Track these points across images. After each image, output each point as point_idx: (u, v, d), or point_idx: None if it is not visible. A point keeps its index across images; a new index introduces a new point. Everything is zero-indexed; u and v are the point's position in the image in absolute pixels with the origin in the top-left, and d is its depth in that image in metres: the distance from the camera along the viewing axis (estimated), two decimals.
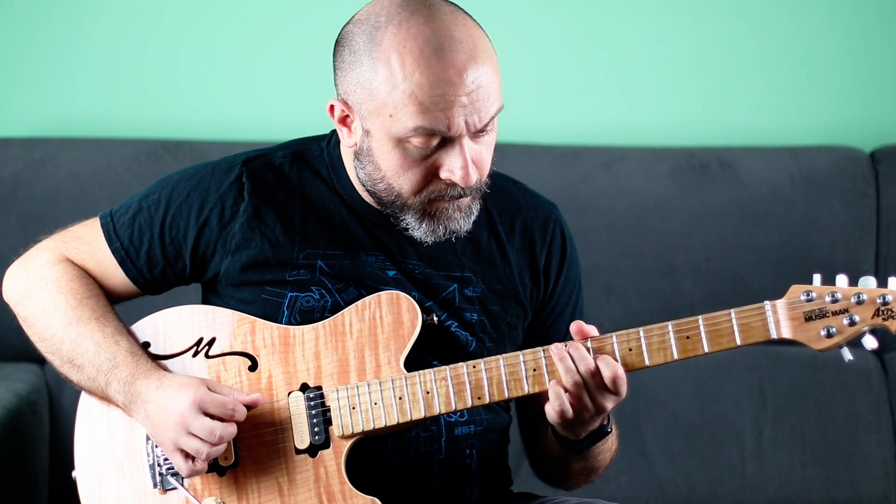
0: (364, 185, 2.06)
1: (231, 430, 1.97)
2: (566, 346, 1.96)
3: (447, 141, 1.95)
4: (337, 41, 2.01)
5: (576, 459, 2.08)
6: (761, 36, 3.31)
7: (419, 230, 2.03)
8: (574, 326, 1.98)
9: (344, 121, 2.03)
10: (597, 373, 1.94)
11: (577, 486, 2.16)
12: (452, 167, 1.96)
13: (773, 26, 3.31)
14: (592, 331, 1.98)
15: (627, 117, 3.30)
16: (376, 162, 2.00)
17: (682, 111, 3.31)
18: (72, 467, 2.10)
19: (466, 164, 1.95)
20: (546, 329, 2.16)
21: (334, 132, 2.14)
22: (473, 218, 2.04)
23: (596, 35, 3.30)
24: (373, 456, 2.04)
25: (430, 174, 1.98)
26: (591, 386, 1.94)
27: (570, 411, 1.95)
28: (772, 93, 3.31)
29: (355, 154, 2.04)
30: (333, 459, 2.00)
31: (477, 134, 1.97)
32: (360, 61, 1.96)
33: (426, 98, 1.91)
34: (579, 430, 2.01)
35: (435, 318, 2.05)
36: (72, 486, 2.11)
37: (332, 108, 2.03)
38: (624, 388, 1.95)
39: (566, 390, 1.95)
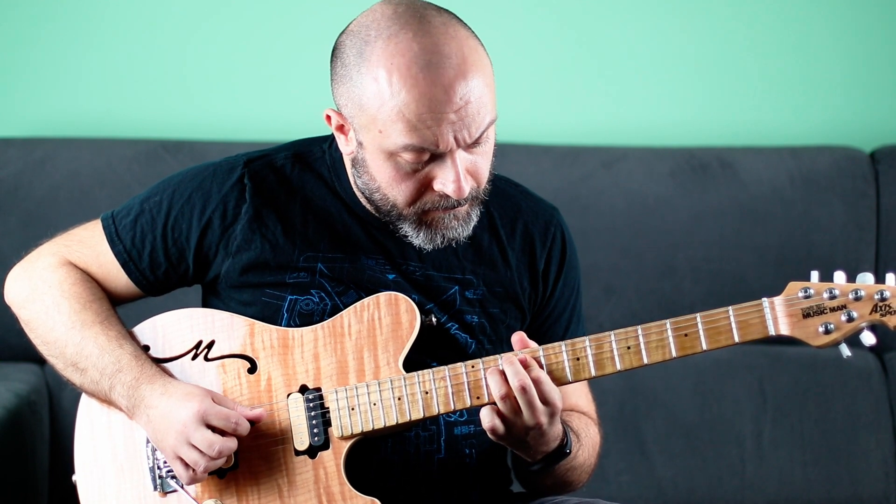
0: (362, 193, 2.06)
1: (231, 444, 1.97)
2: (500, 361, 1.95)
3: (439, 154, 1.95)
4: (332, 51, 2.01)
5: (541, 476, 2.07)
6: (761, 36, 3.31)
7: (417, 238, 2.03)
8: (515, 337, 1.97)
9: (341, 129, 2.03)
10: (527, 387, 1.91)
11: (557, 495, 2.15)
12: (445, 180, 1.96)
13: (772, 26, 3.31)
14: (532, 344, 1.97)
15: (627, 117, 3.30)
16: (371, 173, 2.00)
17: (682, 111, 3.31)
18: (72, 468, 2.10)
19: (458, 178, 1.95)
20: (543, 332, 2.16)
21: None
22: (473, 223, 2.04)
23: (596, 35, 3.29)
24: (372, 456, 2.04)
25: (424, 186, 1.98)
26: (521, 401, 1.92)
27: (500, 428, 1.93)
28: (772, 93, 3.31)
29: (352, 162, 2.04)
30: (333, 460, 2.00)
31: (470, 146, 1.96)
32: (349, 76, 1.95)
33: (413, 116, 1.91)
34: (532, 452, 2.00)
35: (434, 320, 2.05)
36: (72, 487, 2.11)
37: (328, 117, 2.03)
38: (554, 397, 1.92)
39: (496, 410, 1.93)
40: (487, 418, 1.94)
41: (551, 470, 2.04)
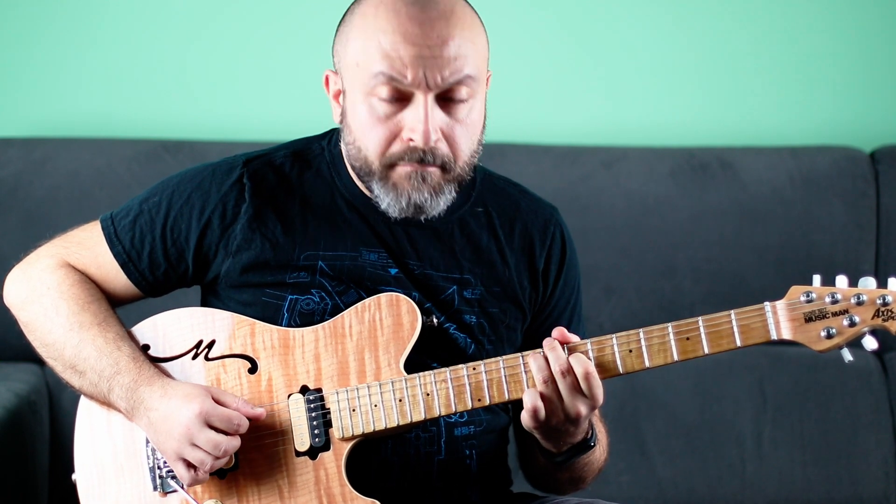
0: (348, 161, 2.07)
1: (235, 443, 1.97)
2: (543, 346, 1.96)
3: (410, 98, 1.98)
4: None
5: (561, 470, 2.07)
6: (761, 36, 3.31)
7: (384, 201, 2.03)
8: (556, 332, 1.98)
9: (336, 96, 2.07)
10: (569, 371, 1.93)
11: (566, 493, 2.16)
12: (414, 125, 1.98)
13: (773, 26, 3.31)
14: (573, 338, 1.97)
15: (627, 117, 3.30)
16: (349, 123, 2.04)
17: (682, 111, 3.31)
18: (72, 468, 2.10)
19: (426, 121, 1.97)
20: (543, 332, 2.14)
21: (333, 131, 2.15)
22: (445, 200, 2.04)
23: (596, 35, 3.29)
24: (373, 457, 2.04)
25: (393, 135, 2.00)
26: (562, 386, 1.93)
27: (542, 412, 1.94)
28: (772, 93, 3.31)
29: (340, 125, 2.08)
30: (333, 462, 2.00)
31: (445, 101, 1.99)
32: (345, 22, 2.04)
33: (388, 45, 1.96)
34: (560, 443, 2.01)
35: (435, 321, 2.05)
36: (72, 486, 2.11)
37: (327, 80, 2.08)
38: (598, 391, 1.93)
39: (540, 393, 1.94)
40: (530, 399, 1.93)
41: (572, 463, 2.04)
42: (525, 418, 1.95)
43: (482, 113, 2.06)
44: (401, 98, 1.99)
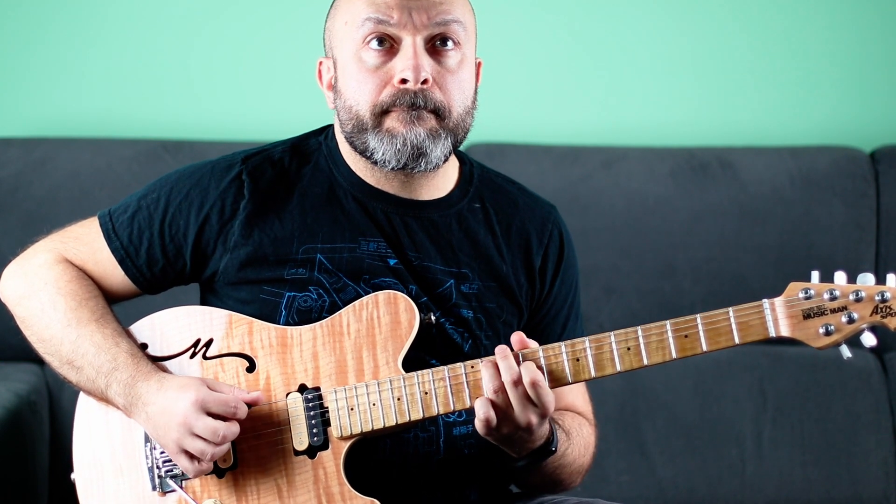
0: (344, 135, 2.08)
1: (234, 429, 1.97)
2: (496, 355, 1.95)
3: (398, 44, 2.01)
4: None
5: (528, 474, 2.07)
6: (761, 36, 3.31)
7: (381, 150, 2.04)
8: (515, 337, 1.97)
9: (329, 85, 2.10)
10: (519, 380, 1.92)
11: (545, 495, 2.15)
12: (404, 66, 2.00)
13: (772, 26, 3.31)
14: (532, 344, 1.97)
15: (627, 117, 3.30)
16: (340, 90, 2.06)
17: (682, 111, 3.31)
18: (71, 468, 2.10)
19: (417, 62, 2.00)
20: (541, 331, 2.16)
21: (330, 126, 2.17)
22: (443, 147, 2.04)
23: (596, 35, 3.30)
24: (371, 456, 2.04)
25: (384, 83, 2.02)
26: (513, 396, 1.92)
27: (494, 420, 1.93)
28: (772, 93, 3.32)
29: (336, 111, 2.09)
30: (332, 461, 2.00)
31: (434, 46, 2.02)
32: (334, 5, 2.09)
33: None
34: (518, 449, 2.00)
35: (433, 318, 2.05)
36: (71, 487, 2.11)
37: (320, 74, 2.11)
38: (547, 399, 1.92)
39: (491, 402, 1.93)
40: (482, 408, 1.93)
41: (537, 467, 2.04)
42: (478, 426, 1.95)
43: (472, 73, 2.08)
44: (390, 48, 2.02)
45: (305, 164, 2.13)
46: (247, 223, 2.08)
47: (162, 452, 2.04)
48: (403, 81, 2.00)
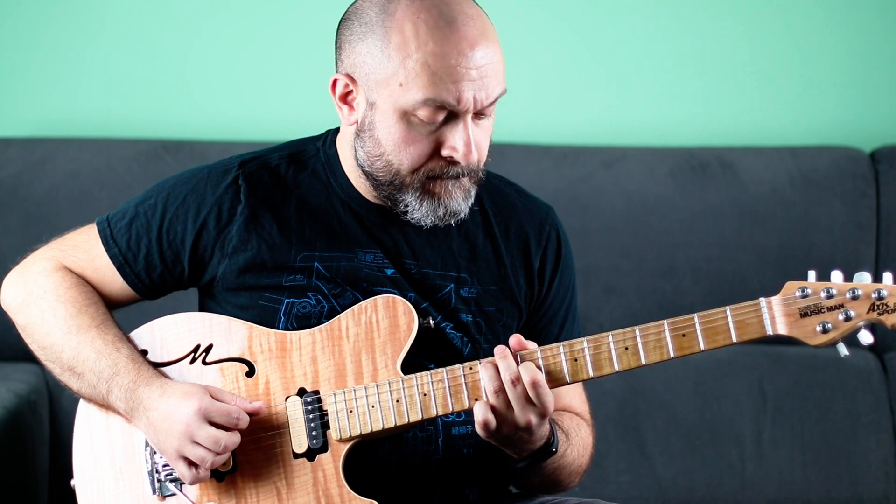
0: (362, 167, 2.05)
1: (235, 439, 1.98)
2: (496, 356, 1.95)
3: (452, 118, 1.96)
4: (344, 17, 2.03)
5: (528, 475, 2.07)
6: (761, 36, 3.31)
7: (419, 210, 2.02)
8: (513, 339, 1.97)
9: (345, 98, 2.03)
10: (518, 380, 1.92)
11: (544, 495, 2.15)
12: (456, 144, 1.97)
13: (772, 26, 3.31)
14: (530, 345, 1.97)
15: (627, 117, 3.30)
16: (377, 137, 2.00)
17: (682, 111, 3.31)
18: (71, 469, 2.10)
19: (470, 142, 1.97)
20: (538, 332, 2.15)
21: (329, 132, 2.15)
22: (471, 202, 2.05)
23: (596, 35, 3.29)
24: (370, 457, 2.04)
25: (432, 151, 1.99)
26: (512, 396, 1.93)
27: (493, 423, 1.93)
28: (772, 93, 3.31)
29: (356, 132, 2.03)
30: (331, 463, 2.00)
31: (478, 116, 1.98)
32: (372, 31, 1.97)
33: (439, 68, 1.93)
34: (518, 450, 2.00)
35: (431, 322, 2.05)
36: (70, 488, 2.11)
37: (334, 84, 2.03)
38: (547, 400, 1.92)
39: (490, 404, 1.93)
40: (480, 412, 1.93)
41: (537, 468, 2.04)
42: (477, 429, 1.95)
43: None
44: (443, 117, 1.97)
45: (302, 171, 2.12)
46: (244, 228, 2.08)
47: (162, 456, 2.04)
48: (454, 155, 1.98)
